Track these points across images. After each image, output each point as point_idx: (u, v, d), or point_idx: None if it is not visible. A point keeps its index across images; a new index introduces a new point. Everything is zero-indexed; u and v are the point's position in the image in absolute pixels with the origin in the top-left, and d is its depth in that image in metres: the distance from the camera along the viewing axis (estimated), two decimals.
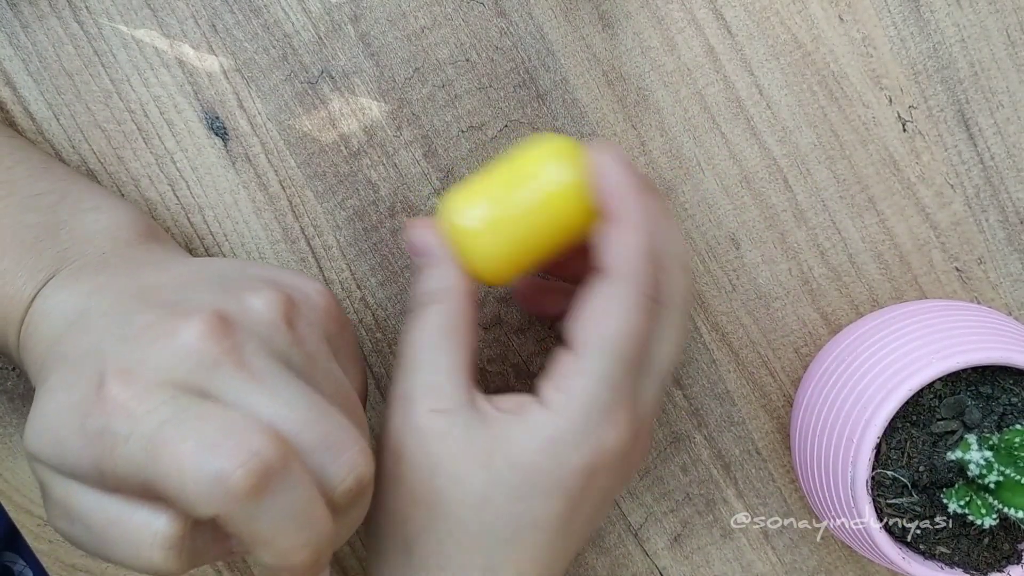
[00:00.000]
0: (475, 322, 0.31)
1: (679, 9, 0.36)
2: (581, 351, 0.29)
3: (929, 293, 0.38)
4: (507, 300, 0.38)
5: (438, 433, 0.29)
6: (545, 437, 0.28)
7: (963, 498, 0.32)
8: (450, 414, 0.29)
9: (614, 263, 0.29)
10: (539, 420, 0.28)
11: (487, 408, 0.29)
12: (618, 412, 0.29)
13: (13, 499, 0.37)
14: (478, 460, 0.28)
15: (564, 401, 0.28)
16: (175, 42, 0.35)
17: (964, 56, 0.36)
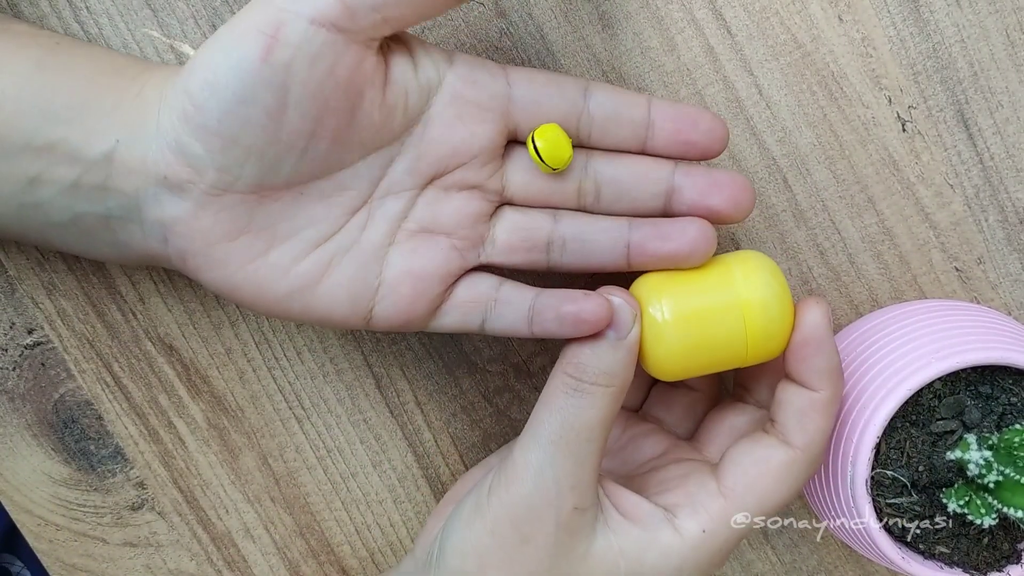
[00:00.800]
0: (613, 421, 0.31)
1: (679, 9, 0.36)
2: (735, 501, 0.30)
3: (929, 293, 0.38)
4: None
5: (574, 531, 0.29)
6: (673, 567, 0.29)
7: (963, 498, 0.32)
8: (585, 513, 0.29)
9: (798, 442, 0.30)
10: (673, 549, 0.29)
11: (610, 510, 0.30)
12: (724, 562, 0.31)
13: (13, 499, 0.37)
14: (604, 567, 0.29)
15: (703, 542, 0.29)
16: (175, 42, 0.35)
17: (964, 56, 0.36)
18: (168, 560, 0.39)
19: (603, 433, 0.29)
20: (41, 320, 0.36)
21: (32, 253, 0.36)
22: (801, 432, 0.30)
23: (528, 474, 0.29)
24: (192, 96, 0.28)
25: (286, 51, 0.27)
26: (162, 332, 0.37)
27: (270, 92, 0.27)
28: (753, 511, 0.30)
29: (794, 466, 0.30)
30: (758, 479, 0.30)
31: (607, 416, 0.29)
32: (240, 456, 0.38)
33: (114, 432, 0.37)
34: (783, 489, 0.30)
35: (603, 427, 0.29)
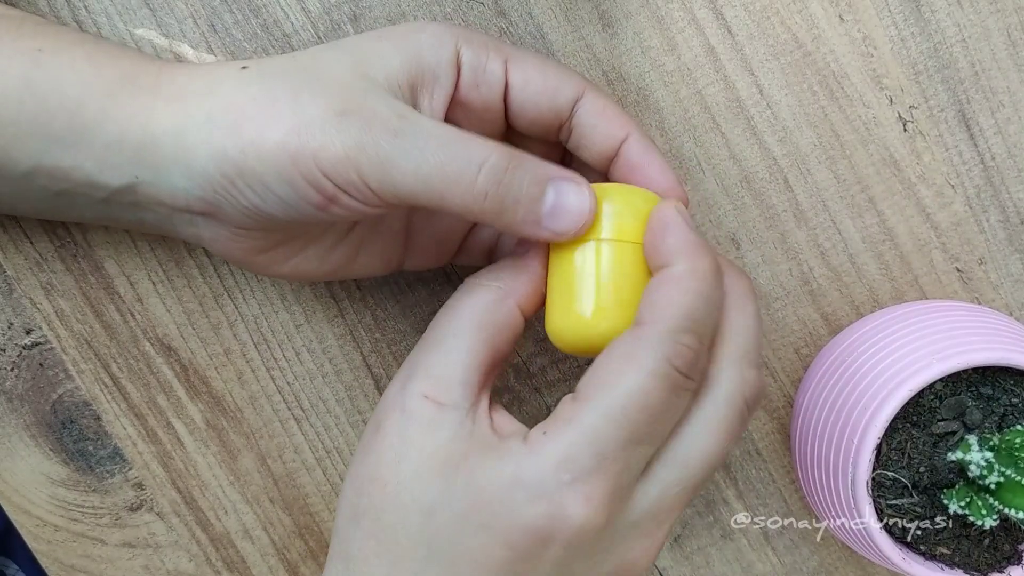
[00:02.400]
0: (514, 331, 0.29)
1: (679, 9, 0.36)
2: (579, 400, 0.26)
3: (930, 293, 0.38)
4: None
5: (421, 422, 0.27)
6: (508, 474, 0.26)
7: (963, 499, 0.32)
8: (442, 409, 0.27)
9: (644, 316, 0.26)
10: (512, 454, 0.26)
11: (483, 422, 0.27)
12: (595, 483, 0.25)
13: (12, 499, 0.37)
14: (443, 468, 0.26)
15: (541, 444, 0.26)
16: (174, 41, 0.35)
17: (965, 56, 0.36)
18: (167, 561, 0.38)
19: (473, 330, 0.28)
20: (39, 320, 0.36)
21: (30, 254, 0.36)
22: (649, 307, 0.27)
23: (396, 374, 0.29)
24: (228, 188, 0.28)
25: (338, 211, 0.28)
26: (160, 333, 0.37)
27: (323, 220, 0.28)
28: (599, 404, 0.25)
29: (638, 342, 0.26)
30: (602, 368, 0.26)
31: (479, 313, 0.28)
32: (239, 457, 0.38)
33: (112, 433, 0.37)
34: (628, 370, 0.25)
35: (472, 324, 0.28)
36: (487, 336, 0.28)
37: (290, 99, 0.28)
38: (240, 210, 0.28)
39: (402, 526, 0.27)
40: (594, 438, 0.25)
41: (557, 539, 0.25)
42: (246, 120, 0.27)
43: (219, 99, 0.28)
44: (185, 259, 0.36)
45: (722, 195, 0.37)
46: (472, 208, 0.27)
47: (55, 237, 0.36)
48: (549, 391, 0.38)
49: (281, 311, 0.37)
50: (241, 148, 0.27)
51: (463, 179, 0.27)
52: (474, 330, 0.28)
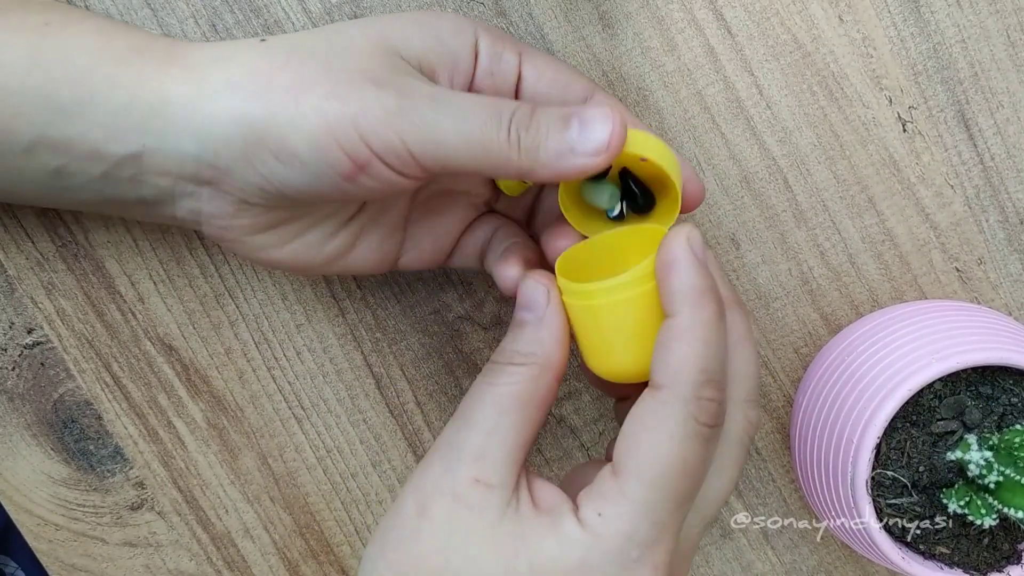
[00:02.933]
0: (551, 402, 0.29)
1: (679, 9, 0.36)
2: (623, 475, 0.26)
3: (929, 293, 0.38)
4: (507, 300, 0.38)
5: (472, 505, 0.27)
6: (576, 558, 0.26)
7: (963, 498, 0.32)
8: (491, 491, 0.27)
9: (662, 379, 0.27)
10: (573, 538, 0.26)
11: (526, 500, 0.27)
12: (657, 551, 0.26)
13: (13, 499, 0.37)
14: (502, 553, 0.26)
15: (601, 527, 0.26)
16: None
17: (964, 57, 0.36)
18: (167, 560, 0.38)
19: (517, 410, 0.28)
20: (40, 320, 0.36)
21: (32, 253, 0.36)
22: (663, 367, 0.27)
23: (435, 447, 0.29)
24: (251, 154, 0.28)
25: (367, 181, 0.28)
26: (161, 332, 0.37)
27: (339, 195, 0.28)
28: (644, 476, 0.26)
29: (664, 408, 0.26)
30: (636, 439, 0.26)
31: (521, 392, 0.28)
32: (240, 456, 0.38)
33: (114, 432, 0.37)
34: (663, 439, 0.26)
35: (516, 402, 0.28)
36: (530, 414, 0.28)
37: (322, 66, 0.27)
38: (255, 179, 0.28)
39: None
40: (648, 510, 0.26)
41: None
42: (275, 85, 0.27)
43: (240, 66, 0.28)
44: (186, 259, 0.36)
45: (722, 195, 0.37)
46: (510, 158, 0.28)
47: (56, 237, 0.36)
48: None
49: (282, 311, 0.37)
50: (271, 113, 0.27)
51: (498, 134, 0.27)
52: (518, 408, 0.28)
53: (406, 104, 0.27)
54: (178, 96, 0.28)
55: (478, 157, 0.27)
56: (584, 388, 0.39)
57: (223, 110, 0.27)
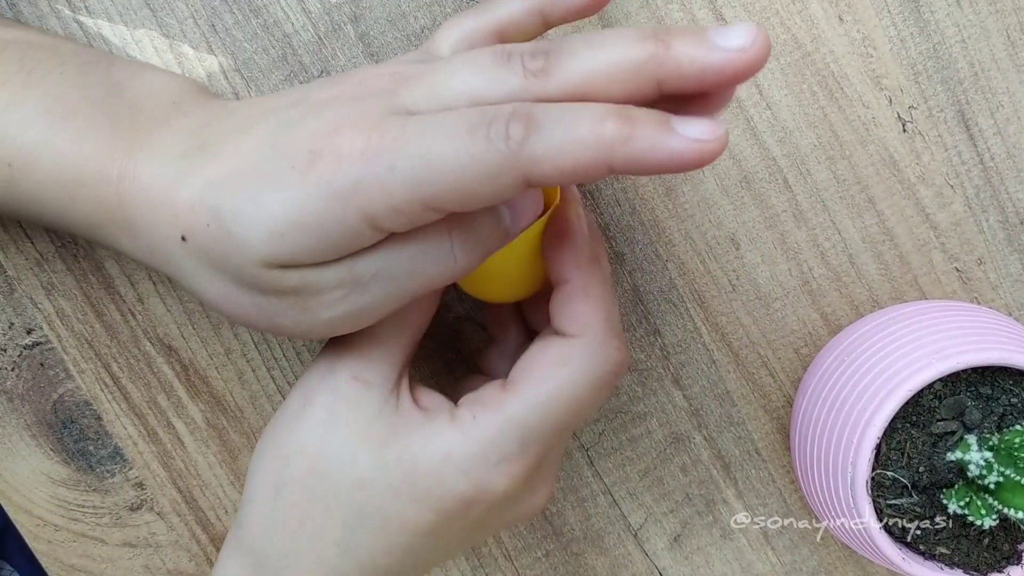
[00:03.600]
0: (430, 305, 0.30)
1: (679, 9, 0.36)
2: (511, 391, 0.28)
3: (929, 293, 0.38)
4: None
5: (350, 400, 0.29)
6: (440, 451, 0.28)
7: (963, 499, 0.32)
8: (369, 388, 0.29)
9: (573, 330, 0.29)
10: (442, 432, 0.28)
11: (406, 399, 0.29)
12: (517, 463, 0.28)
13: (12, 499, 0.37)
14: (373, 442, 0.28)
15: (471, 427, 0.28)
16: (174, 42, 0.35)
17: (964, 56, 0.36)
18: (167, 560, 0.38)
19: (393, 315, 0.29)
20: (40, 320, 0.36)
21: (31, 253, 0.36)
22: (571, 321, 0.29)
23: (322, 350, 0.30)
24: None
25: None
26: (161, 332, 0.37)
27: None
28: (530, 399, 0.28)
29: (572, 351, 0.28)
30: (534, 367, 0.28)
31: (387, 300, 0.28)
32: (239, 456, 0.38)
33: (113, 432, 0.37)
34: (561, 375, 0.28)
35: (387, 309, 0.28)
36: (406, 317, 0.30)
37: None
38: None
39: (332, 496, 0.28)
40: (521, 429, 0.28)
41: (480, 504, 0.28)
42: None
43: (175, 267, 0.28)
44: None
45: (722, 195, 0.37)
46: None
47: (56, 237, 0.36)
48: None
49: None
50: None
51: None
52: (394, 313, 0.29)
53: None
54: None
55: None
56: None
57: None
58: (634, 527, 0.40)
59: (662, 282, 0.38)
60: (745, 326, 0.38)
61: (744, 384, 0.39)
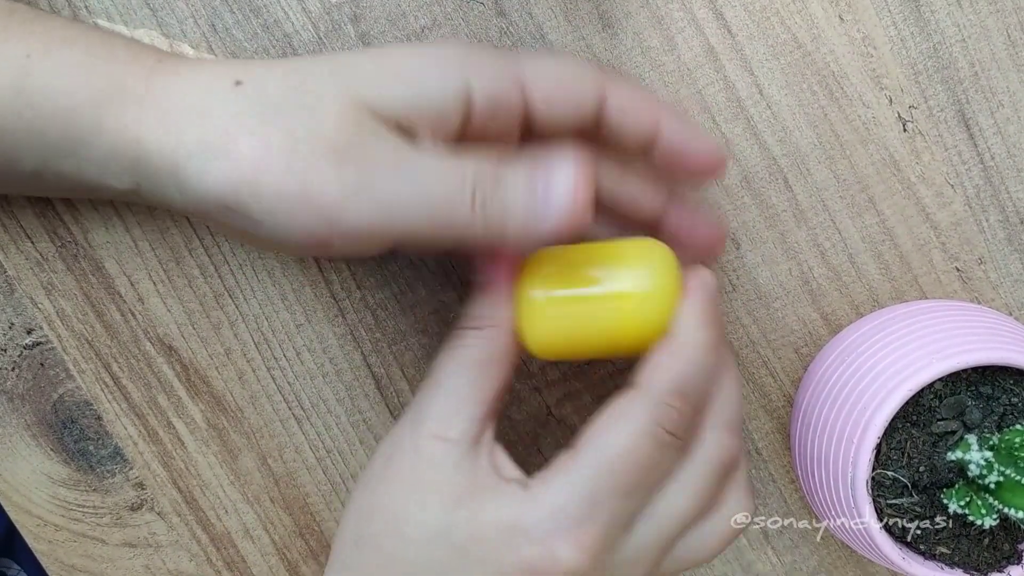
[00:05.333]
0: (512, 360, 0.30)
1: (679, 9, 0.36)
2: (575, 455, 0.28)
3: (929, 293, 0.38)
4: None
5: (428, 458, 0.29)
6: (509, 517, 0.28)
7: (963, 498, 0.32)
8: (449, 445, 0.29)
9: (642, 379, 0.28)
10: (511, 497, 0.28)
11: (486, 461, 0.29)
12: (586, 532, 0.27)
13: (12, 499, 0.37)
14: (447, 500, 0.28)
15: (539, 492, 0.28)
16: (174, 42, 0.35)
17: (964, 56, 0.36)
18: (167, 561, 0.38)
19: (475, 368, 0.29)
20: (40, 320, 0.36)
21: (31, 253, 0.36)
22: (644, 370, 0.29)
23: (406, 409, 0.31)
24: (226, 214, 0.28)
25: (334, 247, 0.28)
26: (161, 332, 0.37)
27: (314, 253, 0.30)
28: (592, 459, 0.27)
29: (630, 404, 0.28)
30: (596, 426, 0.28)
31: (479, 353, 0.30)
32: (239, 457, 0.38)
33: (113, 432, 0.37)
34: (619, 430, 0.28)
35: (474, 363, 0.29)
36: (489, 372, 0.30)
37: (285, 134, 0.27)
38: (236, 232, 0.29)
39: (402, 555, 0.28)
40: (586, 489, 0.27)
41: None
42: (241, 156, 0.27)
43: (212, 123, 0.28)
44: (186, 259, 0.36)
45: (722, 195, 0.37)
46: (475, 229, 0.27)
47: (56, 237, 0.36)
48: (549, 391, 0.38)
49: (282, 311, 0.37)
50: (235, 186, 0.27)
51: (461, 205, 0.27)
52: (477, 368, 0.29)
53: (366, 180, 0.27)
54: (157, 152, 0.28)
55: (442, 230, 0.27)
56: (584, 388, 0.39)
57: (196, 175, 0.27)
58: None
59: None
60: (745, 326, 0.38)
61: (744, 384, 0.39)
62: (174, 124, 0.28)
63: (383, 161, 0.27)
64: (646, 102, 0.31)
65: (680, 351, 0.29)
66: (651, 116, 0.31)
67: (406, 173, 0.27)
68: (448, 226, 0.27)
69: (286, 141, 0.27)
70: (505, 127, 0.30)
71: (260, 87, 0.28)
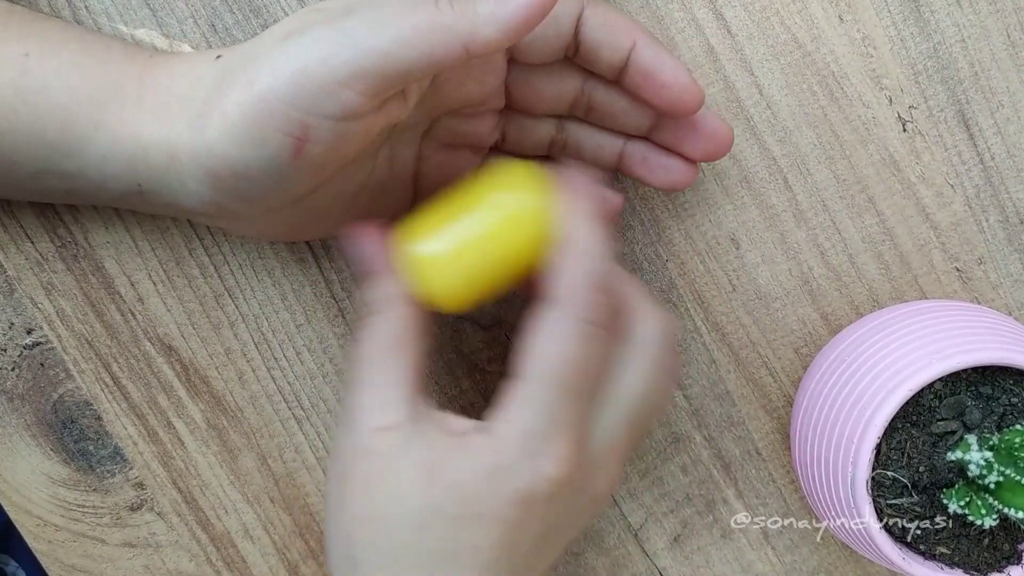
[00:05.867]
0: (423, 330, 0.30)
1: (679, 9, 0.36)
2: (520, 380, 0.28)
3: (929, 293, 0.38)
4: (507, 300, 0.38)
5: (381, 452, 0.29)
6: (483, 464, 0.28)
7: (963, 498, 0.32)
8: (393, 431, 0.29)
9: (555, 289, 0.28)
10: (479, 446, 0.28)
11: (431, 427, 0.29)
12: (557, 441, 0.28)
13: (12, 499, 0.37)
14: (418, 481, 0.28)
15: (503, 429, 0.28)
16: (174, 42, 0.35)
17: (964, 56, 0.36)
18: (167, 561, 0.38)
19: (388, 351, 0.29)
20: (40, 320, 0.36)
21: (31, 254, 0.36)
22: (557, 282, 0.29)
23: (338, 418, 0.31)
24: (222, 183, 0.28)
25: (316, 148, 0.28)
26: (161, 332, 0.37)
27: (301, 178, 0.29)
28: (536, 375, 0.28)
29: (555, 314, 0.28)
30: (530, 348, 0.28)
31: (384, 335, 0.29)
32: (239, 457, 0.38)
33: (113, 432, 0.37)
34: (552, 340, 0.28)
35: (384, 346, 0.29)
36: (403, 350, 0.30)
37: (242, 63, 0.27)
38: (243, 203, 0.29)
39: (401, 549, 0.28)
40: (543, 406, 0.28)
41: (539, 498, 0.28)
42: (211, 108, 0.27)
43: (196, 101, 0.28)
44: (186, 259, 0.36)
45: (722, 195, 0.37)
46: (450, 26, 0.27)
47: (56, 237, 0.36)
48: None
49: (282, 311, 0.37)
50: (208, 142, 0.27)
51: (428, 17, 0.26)
52: (388, 351, 0.29)
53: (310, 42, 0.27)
54: (154, 147, 0.28)
55: (422, 56, 0.26)
56: None
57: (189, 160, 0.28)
58: (634, 527, 0.40)
59: (662, 282, 0.38)
60: (745, 326, 0.38)
61: (744, 384, 0.39)
62: (166, 117, 0.28)
63: (333, 10, 0.27)
64: (623, 21, 0.31)
65: (579, 251, 0.29)
66: (627, 35, 0.31)
67: (366, 7, 0.27)
68: (428, 42, 0.26)
69: (243, 69, 0.27)
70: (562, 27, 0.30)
71: (239, 51, 0.29)
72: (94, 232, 0.36)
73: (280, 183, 0.28)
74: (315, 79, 0.26)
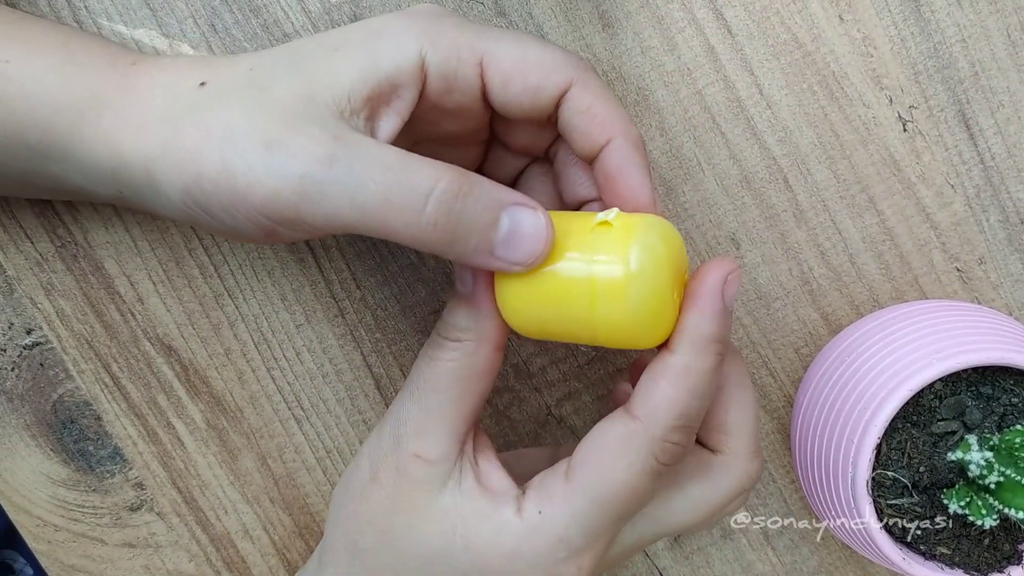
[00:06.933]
0: (493, 372, 0.30)
1: (679, 9, 0.36)
2: (573, 483, 0.28)
3: (930, 293, 0.38)
4: None
5: (413, 477, 0.29)
6: (508, 548, 0.28)
7: (963, 499, 0.32)
8: (431, 465, 0.29)
9: (641, 411, 0.27)
10: (509, 525, 0.28)
11: (468, 476, 0.29)
12: (585, 556, 0.28)
13: (12, 499, 0.37)
14: (440, 526, 0.28)
15: (539, 523, 0.28)
16: (174, 42, 0.35)
17: (964, 56, 0.36)
18: (167, 561, 0.38)
19: (455, 385, 0.29)
20: (40, 320, 0.36)
21: (31, 254, 0.36)
22: (644, 399, 0.27)
23: (387, 416, 0.31)
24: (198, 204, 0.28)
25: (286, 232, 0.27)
26: (161, 332, 0.37)
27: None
28: (591, 492, 0.27)
29: (632, 439, 0.27)
30: (595, 456, 0.28)
31: (458, 368, 0.29)
32: (239, 457, 0.38)
33: (113, 432, 0.37)
34: (620, 467, 0.27)
35: (454, 379, 0.29)
36: (469, 387, 0.29)
37: (223, 129, 0.26)
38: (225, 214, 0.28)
39: (401, 564, 0.29)
40: (586, 522, 0.28)
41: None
42: (184, 149, 0.27)
43: (173, 127, 0.27)
44: (185, 259, 0.36)
45: (722, 195, 0.37)
46: (420, 238, 0.26)
47: (56, 237, 0.36)
48: (549, 391, 0.38)
49: (281, 311, 0.37)
50: (186, 185, 0.27)
51: (409, 208, 0.25)
52: (457, 384, 0.29)
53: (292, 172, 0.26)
54: (132, 161, 0.28)
55: (382, 226, 0.26)
56: (584, 388, 0.39)
57: (163, 178, 0.28)
58: None
59: None
60: (745, 326, 0.38)
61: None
62: (144, 134, 0.28)
63: (317, 151, 0.25)
64: (606, 114, 0.29)
65: (682, 380, 0.27)
66: (604, 131, 0.29)
67: (346, 161, 0.25)
68: (391, 223, 0.26)
69: (222, 135, 0.26)
70: (462, 106, 0.29)
71: (220, 84, 0.28)
72: (94, 232, 0.36)
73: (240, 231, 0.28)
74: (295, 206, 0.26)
